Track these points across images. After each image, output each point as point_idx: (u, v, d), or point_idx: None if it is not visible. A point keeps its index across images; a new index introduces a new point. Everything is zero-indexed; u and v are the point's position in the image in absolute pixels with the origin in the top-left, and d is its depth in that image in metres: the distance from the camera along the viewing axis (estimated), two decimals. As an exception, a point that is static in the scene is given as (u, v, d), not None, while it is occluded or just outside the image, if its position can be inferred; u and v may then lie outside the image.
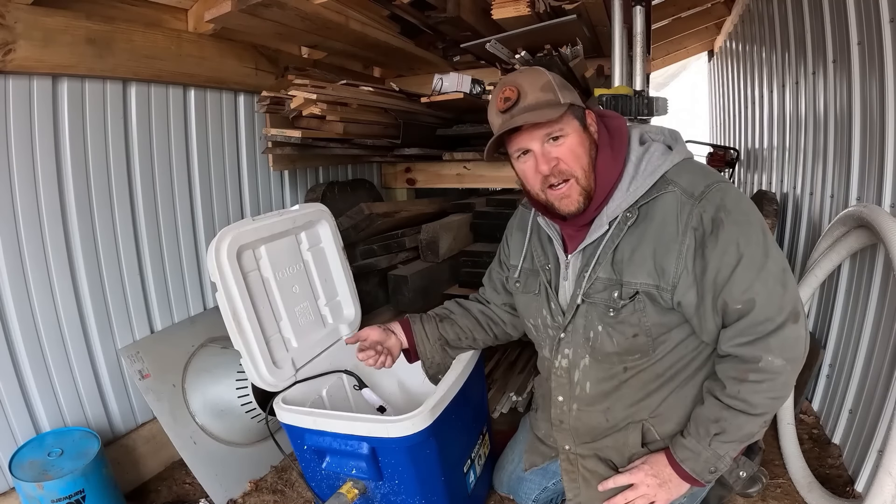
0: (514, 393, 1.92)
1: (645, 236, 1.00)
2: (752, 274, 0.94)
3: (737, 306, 0.95)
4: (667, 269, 0.98)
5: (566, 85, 1.01)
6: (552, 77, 1.00)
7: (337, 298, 1.70)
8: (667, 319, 1.02)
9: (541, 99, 0.98)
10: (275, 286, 1.45)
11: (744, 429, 0.99)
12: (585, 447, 1.18)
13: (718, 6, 4.60)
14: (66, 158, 1.54)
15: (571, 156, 1.00)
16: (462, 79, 2.14)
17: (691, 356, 1.07)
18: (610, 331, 1.05)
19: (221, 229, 1.30)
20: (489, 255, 2.47)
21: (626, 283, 1.02)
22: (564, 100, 0.98)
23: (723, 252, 0.94)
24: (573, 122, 1.00)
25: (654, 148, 1.04)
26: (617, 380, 1.09)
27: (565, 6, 1.81)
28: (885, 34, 1.51)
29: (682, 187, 0.98)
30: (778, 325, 0.94)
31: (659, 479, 1.07)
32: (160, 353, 1.74)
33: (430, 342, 1.34)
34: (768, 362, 0.94)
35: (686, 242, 0.96)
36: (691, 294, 0.98)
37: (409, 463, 1.18)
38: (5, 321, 1.44)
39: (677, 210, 0.97)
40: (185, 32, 1.79)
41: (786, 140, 2.77)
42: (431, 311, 1.41)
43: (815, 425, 1.87)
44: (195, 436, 1.67)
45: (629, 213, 1.01)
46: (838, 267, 1.75)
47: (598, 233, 1.04)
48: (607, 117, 1.08)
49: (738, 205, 0.96)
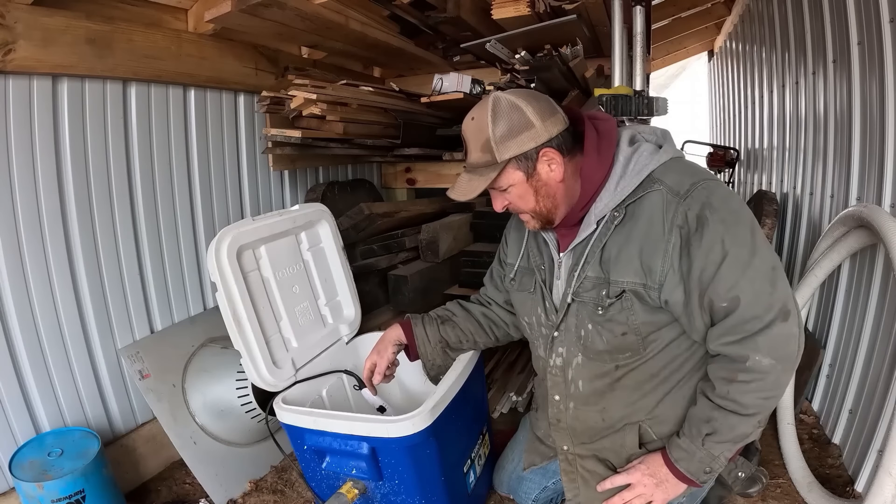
0: (514, 393, 1.92)
1: (632, 235, 1.00)
2: (737, 272, 0.93)
3: (722, 304, 0.95)
4: (653, 268, 0.98)
5: (513, 130, 0.99)
6: (494, 129, 0.99)
7: (337, 298, 1.70)
8: (655, 318, 1.02)
9: (479, 161, 1.02)
10: (275, 286, 1.45)
11: (736, 429, 0.99)
12: (584, 447, 1.18)
13: (718, 6, 4.60)
14: (66, 158, 1.54)
15: (518, 200, 1.06)
16: (462, 79, 2.14)
17: (685, 356, 1.07)
18: (599, 329, 1.06)
19: (221, 229, 1.30)
20: (489, 255, 2.47)
21: (614, 281, 1.02)
22: (503, 156, 0.99)
23: (708, 250, 0.94)
24: (515, 174, 1.02)
25: (643, 148, 1.03)
26: (610, 378, 1.10)
27: (565, 6, 1.81)
28: (885, 34, 1.51)
29: (668, 186, 0.98)
30: (766, 324, 0.93)
31: (656, 479, 1.07)
32: (160, 353, 1.74)
33: (430, 344, 1.34)
34: (756, 362, 0.93)
35: (672, 241, 0.96)
36: (678, 292, 0.98)
37: (409, 463, 1.18)
38: (5, 321, 1.44)
39: (663, 208, 0.97)
40: (185, 32, 1.79)
41: (786, 140, 2.77)
42: (433, 311, 1.41)
43: (815, 425, 1.87)
44: (195, 436, 1.67)
45: (616, 212, 1.02)
46: (838, 267, 1.75)
47: (587, 232, 1.05)
48: (598, 120, 1.08)
49: (724, 203, 0.96)
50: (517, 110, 0.99)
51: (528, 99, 1.01)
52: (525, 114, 0.99)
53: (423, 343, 1.34)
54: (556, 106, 1.04)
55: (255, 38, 2.00)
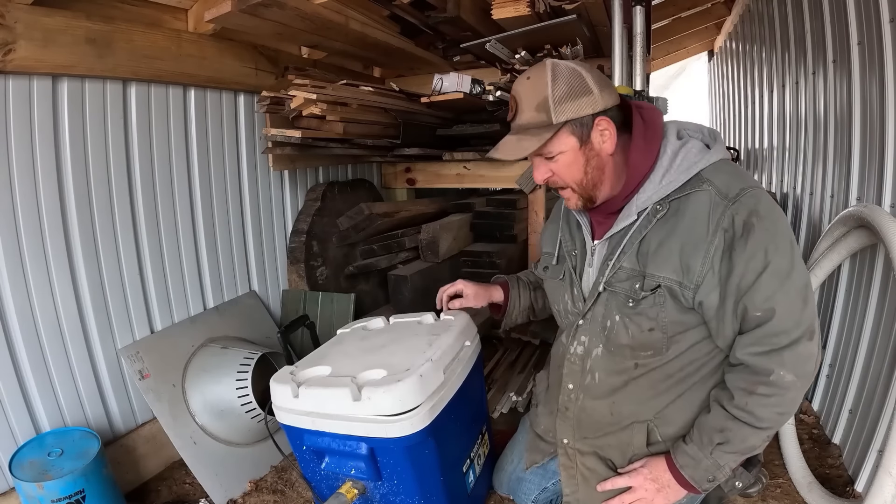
0: (514, 393, 1.92)
1: (674, 231, 0.99)
2: (776, 283, 0.93)
3: (756, 313, 0.94)
4: (692, 267, 0.97)
5: (573, 92, 0.97)
6: (553, 88, 0.97)
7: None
8: (685, 318, 1.01)
9: (532, 121, 0.99)
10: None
11: (747, 441, 0.99)
12: (585, 443, 1.17)
13: (718, 6, 4.60)
14: (66, 158, 1.54)
15: (564, 170, 1.03)
16: (462, 79, 2.14)
17: (703, 361, 1.06)
18: (626, 321, 1.05)
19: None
20: (489, 255, 2.48)
21: (650, 275, 1.01)
22: (560, 118, 0.97)
23: (750, 257, 0.93)
24: (568, 139, 1.00)
25: (691, 144, 1.02)
26: (627, 375, 1.09)
27: (565, 6, 1.81)
28: (885, 34, 1.51)
29: (717, 187, 0.97)
30: (793, 340, 0.93)
31: (658, 484, 1.06)
32: (160, 353, 1.74)
33: (519, 308, 1.43)
34: (779, 377, 0.94)
35: (715, 243, 0.95)
36: (714, 296, 0.97)
37: (407, 463, 1.18)
38: (5, 321, 1.44)
39: (709, 209, 0.96)
40: (185, 32, 1.79)
41: (786, 140, 2.77)
42: (523, 274, 1.48)
43: (815, 425, 1.87)
44: (195, 436, 1.67)
45: (659, 205, 1.01)
46: (838, 267, 1.75)
47: (626, 222, 1.04)
48: (644, 109, 1.07)
49: (770, 212, 0.96)
50: (577, 75, 0.98)
51: (587, 67, 1.01)
52: (585, 80, 0.98)
53: (514, 306, 1.42)
54: (610, 81, 1.04)
55: (255, 38, 2.00)
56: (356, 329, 1.51)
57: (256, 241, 2.21)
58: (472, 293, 1.39)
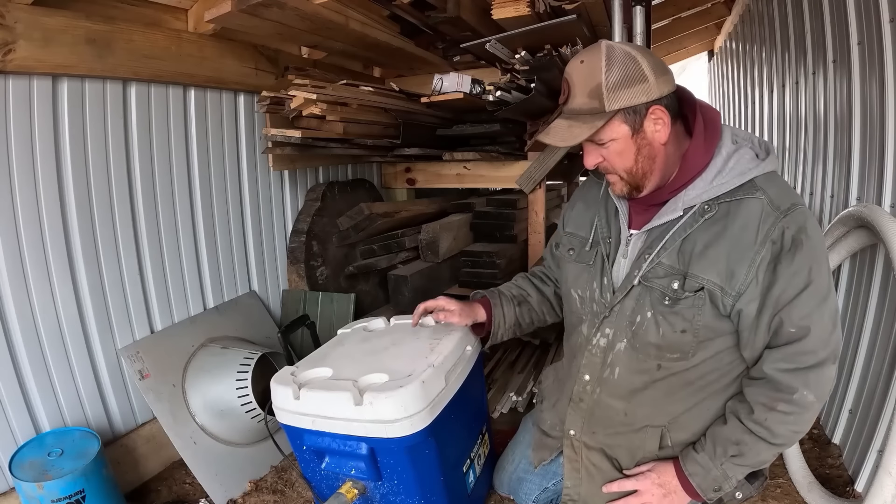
0: (514, 393, 1.92)
1: (723, 235, 0.97)
2: (814, 303, 0.93)
3: (791, 329, 0.94)
4: (736, 275, 0.96)
5: (627, 79, 0.93)
6: (608, 75, 0.93)
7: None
8: (718, 324, 1.00)
9: (584, 107, 0.96)
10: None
11: (760, 455, 1.00)
12: (593, 438, 1.16)
13: (718, 6, 4.60)
14: (66, 158, 1.54)
15: (614, 158, 1.01)
16: (462, 79, 2.14)
17: (724, 370, 1.05)
18: (659, 319, 1.02)
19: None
20: (489, 255, 2.47)
21: (692, 275, 0.99)
22: (613, 106, 0.94)
23: (794, 273, 0.93)
24: (620, 127, 0.97)
25: (743, 151, 1.01)
26: (648, 377, 1.07)
27: (565, 6, 1.81)
28: (885, 34, 1.51)
29: (770, 197, 0.96)
30: (820, 361, 0.94)
31: (664, 490, 1.06)
32: (160, 353, 1.74)
33: (504, 326, 1.34)
34: (802, 395, 0.94)
35: (762, 253, 0.94)
36: (753, 306, 0.96)
37: (407, 463, 1.18)
38: (5, 321, 1.44)
39: (760, 218, 0.95)
40: (185, 32, 1.79)
41: (786, 140, 2.77)
42: (506, 287, 1.39)
43: (815, 425, 1.87)
44: (195, 436, 1.67)
45: (708, 206, 0.99)
46: (838, 267, 1.75)
47: (670, 217, 1.02)
48: (706, 108, 1.05)
49: (816, 233, 0.96)
50: (633, 61, 0.94)
51: (643, 52, 0.97)
52: (640, 66, 0.94)
53: (498, 325, 1.33)
54: (668, 66, 1.00)
55: (255, 38, 2.00)
56: (357, 330, 1.51)
57: (256, 241, 2.22)
58: (458, 309, 1.30)
